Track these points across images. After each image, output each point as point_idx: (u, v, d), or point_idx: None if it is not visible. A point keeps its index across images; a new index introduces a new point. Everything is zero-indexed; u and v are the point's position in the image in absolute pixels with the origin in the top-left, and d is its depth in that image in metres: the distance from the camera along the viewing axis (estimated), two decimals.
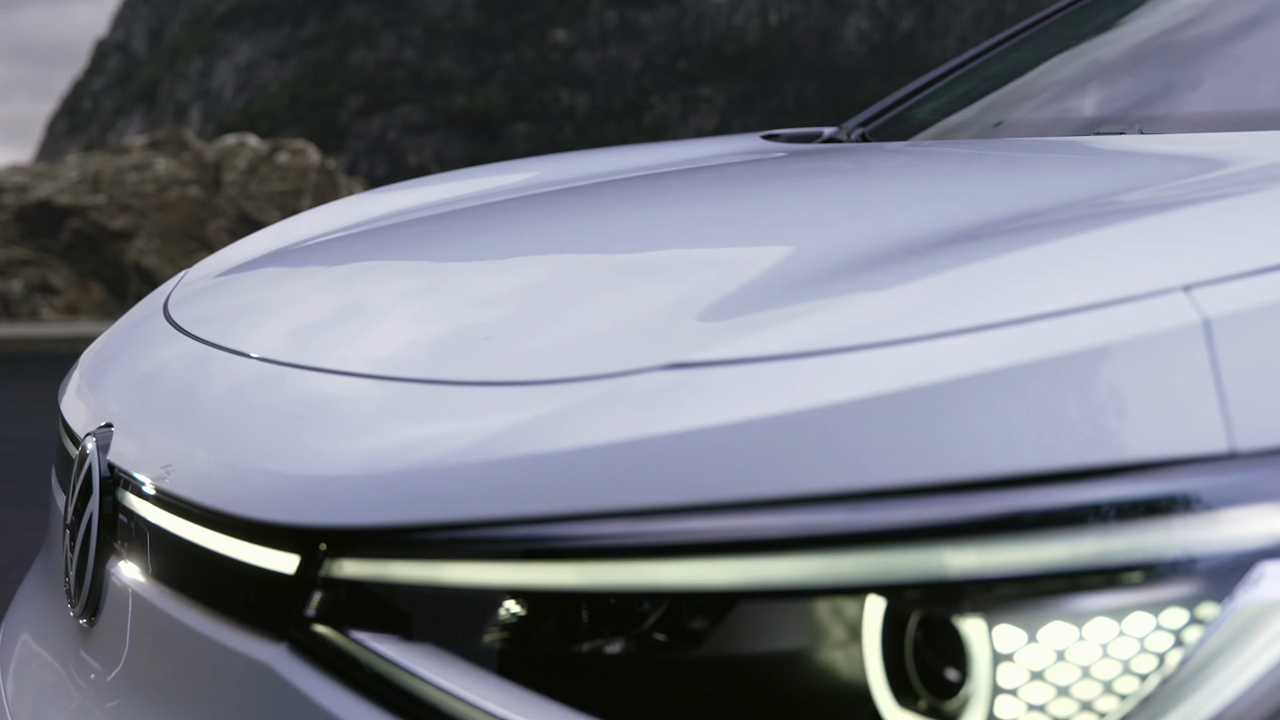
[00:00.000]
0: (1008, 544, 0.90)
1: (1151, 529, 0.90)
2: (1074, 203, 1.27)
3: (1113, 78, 2.24)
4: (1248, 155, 1.49)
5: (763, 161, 2.15)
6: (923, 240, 1.21)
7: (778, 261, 1.29)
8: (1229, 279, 0.97)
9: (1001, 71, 2.52)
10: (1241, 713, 0.89)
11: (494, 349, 1.22)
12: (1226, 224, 1.08)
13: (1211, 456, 0.91)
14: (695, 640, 0.99)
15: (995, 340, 0.96)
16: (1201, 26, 2.20)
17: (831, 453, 0.93)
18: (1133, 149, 1.73)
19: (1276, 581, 0.90)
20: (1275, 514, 0.90)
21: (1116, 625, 0.90)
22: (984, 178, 1.70)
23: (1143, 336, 0.94)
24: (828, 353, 0.99)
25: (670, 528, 0.95)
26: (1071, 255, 1.06)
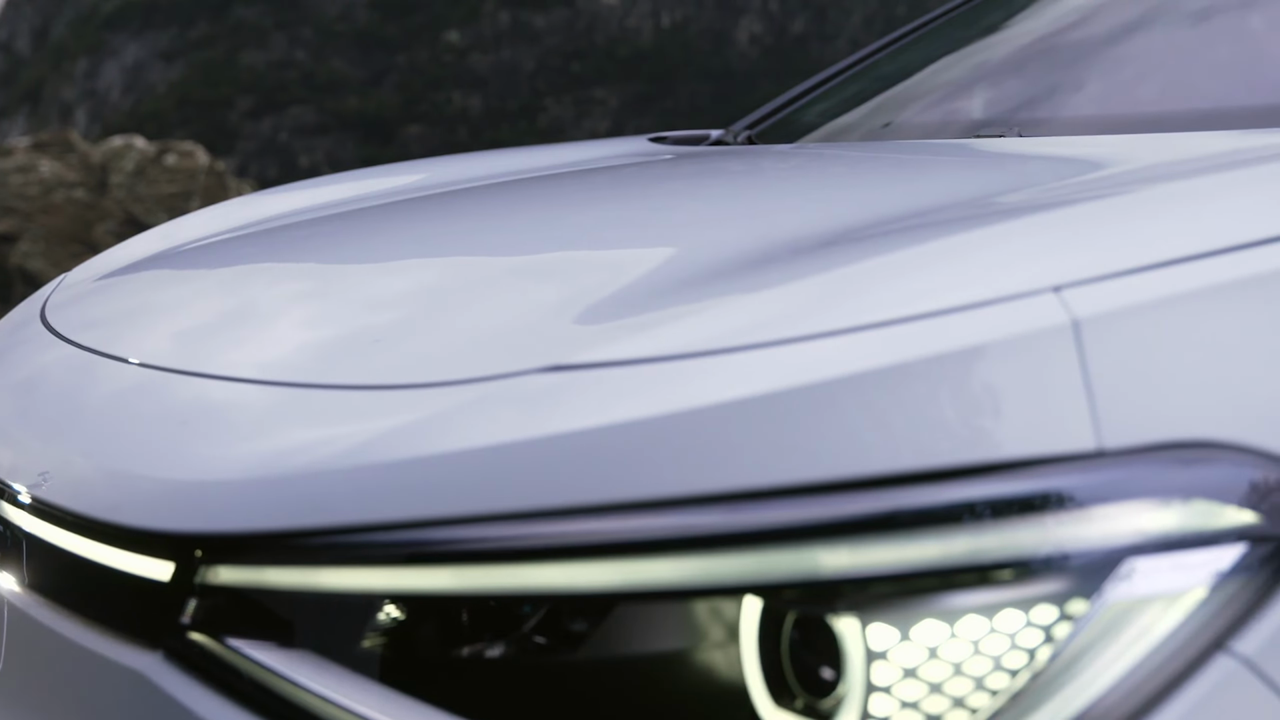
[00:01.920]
0: (882, 543, 0.91)
1: (1022, 527, 0.91)
2: (951, 204, 1.29)
3: (996, 80, 2.27)
4: (1122, 158, 1.51)
5: (650, 164, 2.16)
6: (802, 242, 1.22)
7: (660, 263, 1.30)
8: (1098, 280, 0.99)
9: (887, 74, 2.55)
10: (1110, 706, 0.91)
11: (382, 352, 1.21)
12: (1097, 225, 1.10)
13: (1080, 455, 0.92)
14: (575, 643, 0.99)
15: (872, 341, 0.97)
16: (1084, 30, 2.23)
17: (709, 454, 0.94)
18: (1011, 151, 1.75)
19: (1144, 577, 0.92)
20: (1142, 511, 0.92)
21: (988, 622, 0.91)
22: (865, 180, 1.71)
23: (1014, 337, 0.95)
24: (706, 354, 1.00)
25: (548, 530, 0.95)
26: (947, 256, 1.07)
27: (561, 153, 2.41)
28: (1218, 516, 0.93)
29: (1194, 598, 0.92)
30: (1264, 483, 0.93)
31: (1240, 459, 0.94)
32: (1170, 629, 0.92)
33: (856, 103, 2.46)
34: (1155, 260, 1.01)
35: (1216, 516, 0.93)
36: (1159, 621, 0.92)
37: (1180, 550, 0.92)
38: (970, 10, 2.66)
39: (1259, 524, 0.93)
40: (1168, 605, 0.92)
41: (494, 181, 2.14)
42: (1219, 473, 0.93)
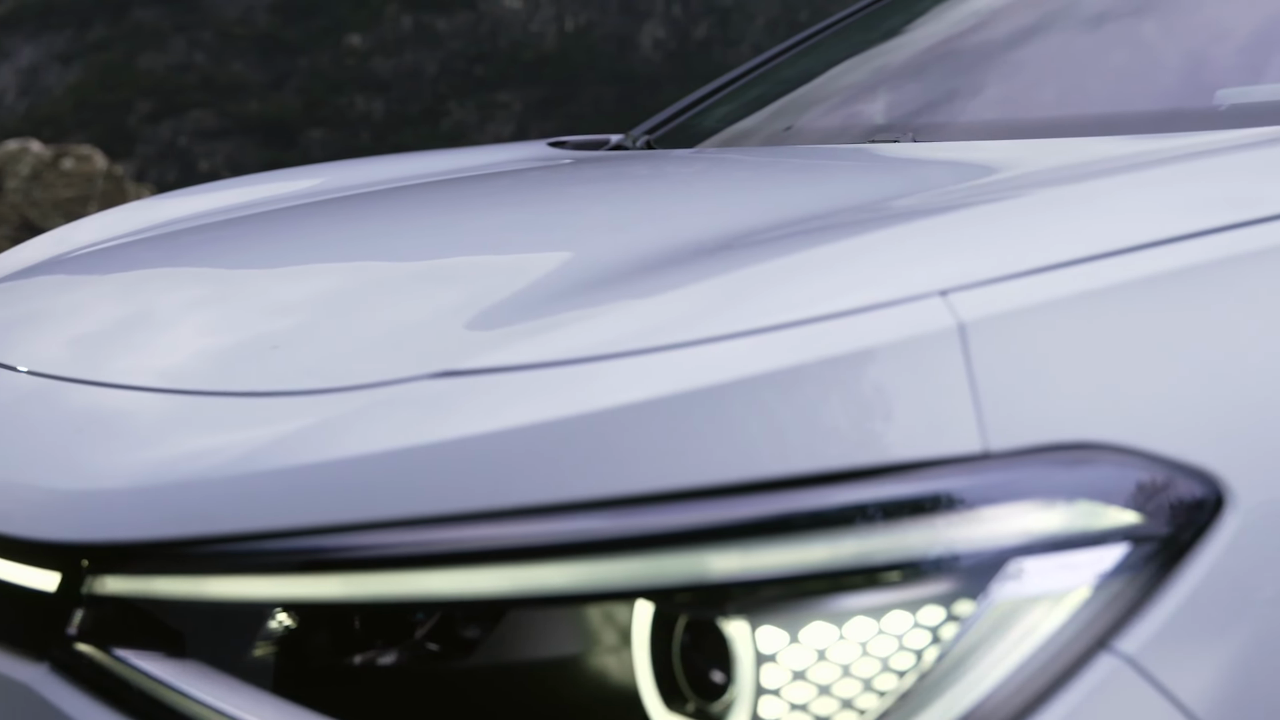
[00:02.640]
0: (772, 546, 0.92)
1: (910, 529, 0.92)
2: (843, 209, 1.30)
3: (893, 86, 2.29)
4: (1014, 162, 1.53)
5: (549, 169, 2.16)
6: (695, 247, 1.22)
7: (554, 268, 1.30)
8: (984, 283, 1.00)
9: (786, 79, 2.56)
10: (996, 705, 0.92)
11: (280, 358, 1.21)
12: (985, 230, 1.11)
13: (966, 457, 0.94)
14: (467, 649, 0.99)
15: (763, 345, 0.98)
16: (981, 36, 2.26)
17: (601, 459, 0.94)
18: (905, 156, 1.77)
19: (1029, 577, 0.93)
20: (1027, 512, 0.93)
21: (876, 623, 0.92)
22: (759, 185, 1.72)
23: (901, 341, 0.96)
24: (598, 359, 1.00)
25: (439, 537, 0.95)
26: (837, 261, 1.08)
27: (461, 157, 2.41)
28: (1101, 517, 0.94)
29: (1078, 597, 0.93)
30: (1146, 483, 0.95)
31: (1123, 460, 0.95)
32: (1055, 628, 0.93)
33: (755, 108, 2.47)
34: (1041, 264, 1.02)
35: (1100, 517, 0.94)
36: (1044, 621, 0.93)
37: (1065, 550, 0.94)
38: (870, 15, 2.68)
39: (1141, 524, 0.94)
40: (1053, 605, 0.93)
41: (393, 186, 2.13)
42: (1102, 474, 0.95)
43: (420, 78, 10.63)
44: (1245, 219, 1.10)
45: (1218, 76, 1.86)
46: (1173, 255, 1.05)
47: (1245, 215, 1.10)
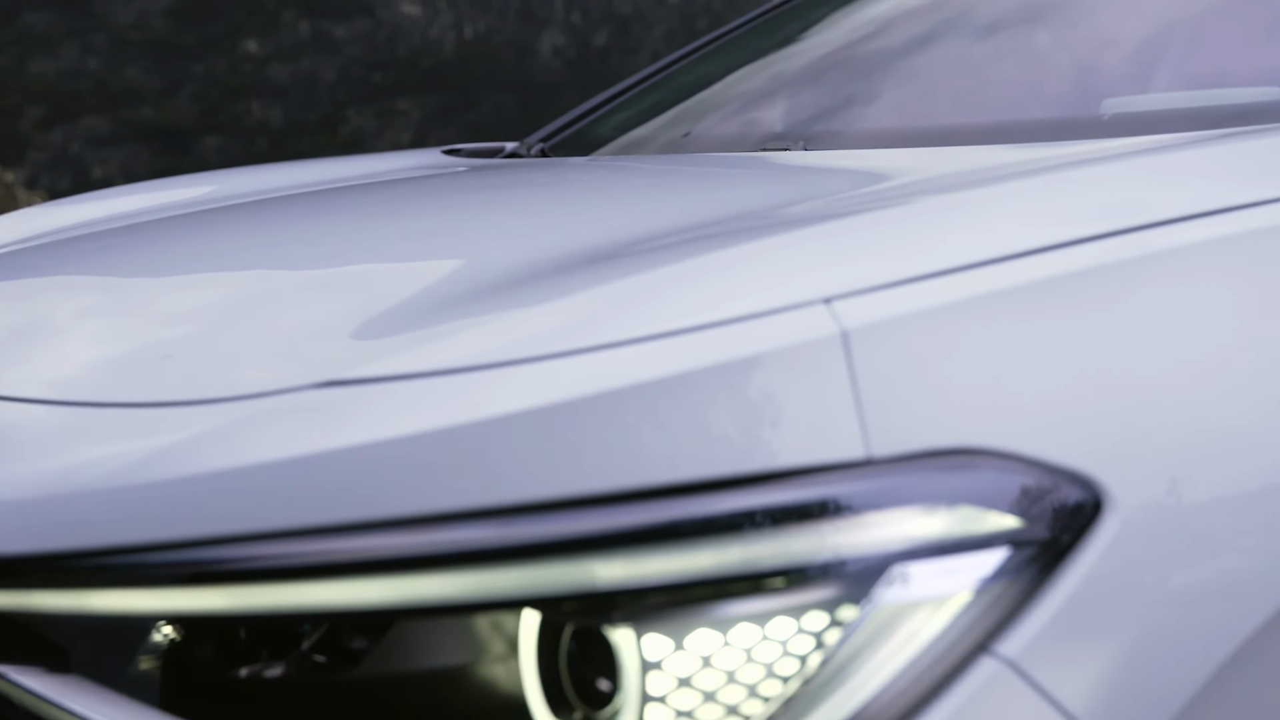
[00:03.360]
0: (657, 553, 0.92)
1: (794, 535, 0.93)
2: (733, 217, 1.31)
3: (786, 94, 2.31)
4: (902, 170, 1.55)
5: (442, 177, 2.15)
6: (583, 255, 1.23)
7: (444, 277, 1.29)
8: (867, 291, 1.01)
9: (681, 87, 2.57)
10: (879, 710, 0.93)
11: (171, 368, 1.19)
12: (871, 237, 1.12)
13: (850, 463, 0.94)
14: (354, 660, 0.98)
15: (650, 353, 0.98)
16: (874, 45, 2.28)
17: (487, 468, 0.94)
18: (796, 164, 1.78)
19: (911, 582, 0.94)
20: (909, 517, 0.94)
21: (760, 629, 0.93)
22: (651, 193, 1.73)
23: (786, 348, 0.97)
24: (484, 368, 1.00)
25: (324, 547, 0.94)
26: (725, 268, 1.09)
27: (354, 165, 2.40)
28: (982, 521, 0.95)
29: (959, 601, 0.94)
30: (1027, 488, 0.96)
31: (1005, 465, 0.96)
32: (936, 632, 0.94)
33: (650, 115, 2.48)
34: (926, 271, 1.04)
35: (981, 522, 0.95)
36: (926, 625, 0.94)
37: (947, 555, 0.95)
38: (766, 22, 2.69)
39: (1021, 528, 0.96)
40: (934, 609, 0.94)
41: (285, 194, 2.12)
42: (984, 479, 0.96)
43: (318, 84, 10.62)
44: (1126, 226, 1.12)
45: (1104, 86, 1.89)
46: (1055, 262, 1.07)
47: (1127, 222, 1.12)
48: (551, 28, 5.89)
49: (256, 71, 6.47)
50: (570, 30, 5.86)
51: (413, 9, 5.85)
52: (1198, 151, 1.32)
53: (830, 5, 2.59)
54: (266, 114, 6.23)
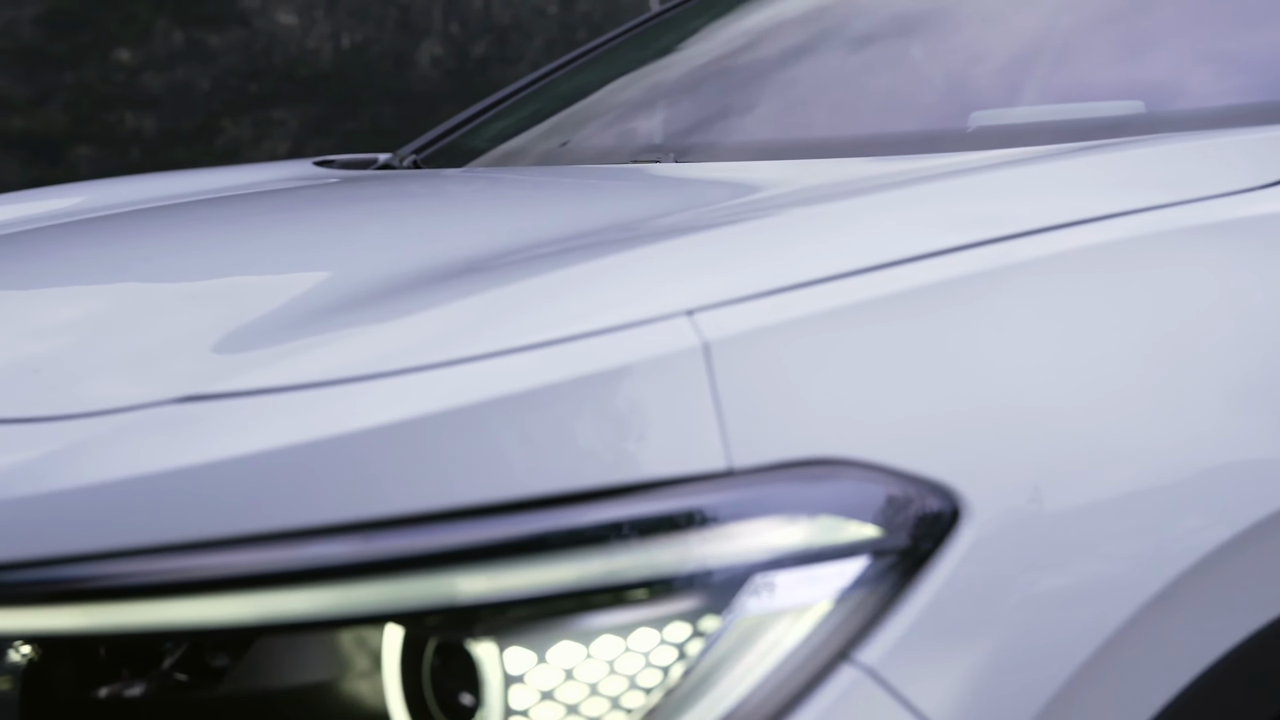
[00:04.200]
0: (519, 566, 0.92)
1: (656, 546, 0.93)
2: (600, 229, 1.31)
3: (659, 105, 2.31)
4: (770, 183, 1.56)
5: (312, 189, 2.14)
6: (449, 268, 1.22)
7: (309, 290, 1.28)
8: (730, 303, 1.01)
9: (556, 99, 2.57)
10: (742, 719, 0.93)
11: (35, 384, 1.17)
12: (736, 249, 1.13)
13: (711, 475, 0.95)
14: (216, 678, 0.97)
15: (515, 365, 0.98)
16: (748, 57, 2.29)
17: (350, 482, 0.93)
18: (666, 176, 1.79)
19: (772, 592, 0.95)
20: (770, 528, 0.95)
21: (623, 641, 0.93)
22: (520, 205, 1.73)
23: (649, 360, 0.97)
24: (347, 381, 0.99)
25: (183, 564, 0.93)
26: (590, 281, 1.09)
27: (224, 176, 2.37)
28: (843, 531, 0.96)
29: (820, 610, 0.95)
30: (886, 497, 0.97)
31: (865, 475, 0.97)
32: (798, 641, 0.95)
33: (525, 126, 2.48)
34: (790, 282, 1.04)
35: (841, 531, 0.96)
36: (787, 634, 0.95)
37: (808, 565, 0.95)
38: (644, 33, 2.70)
39: (881, 538, 0.97)
40: (796, 618, 0.95)
41: (154, 206, 2.09)
42: (845, 489, 0.97)
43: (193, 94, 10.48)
44: (988, 237, 1.13)
45: (972, 100, 1.92)
46: (919, 273, 1.08)
47: (989, 234, 1.13)
48: (430, 38, 5.88)
49: (129, 81, 6.40)
50: (449, 40, 5.85)
51: (289, 19, 5.81)
52: (1060, 164, 1.34)
53: (707, 16, 2.60)
54: (140, 124, 6.16)
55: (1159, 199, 1.22)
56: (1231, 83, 1.77)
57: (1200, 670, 1.04)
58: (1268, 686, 1.07)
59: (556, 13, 5.84)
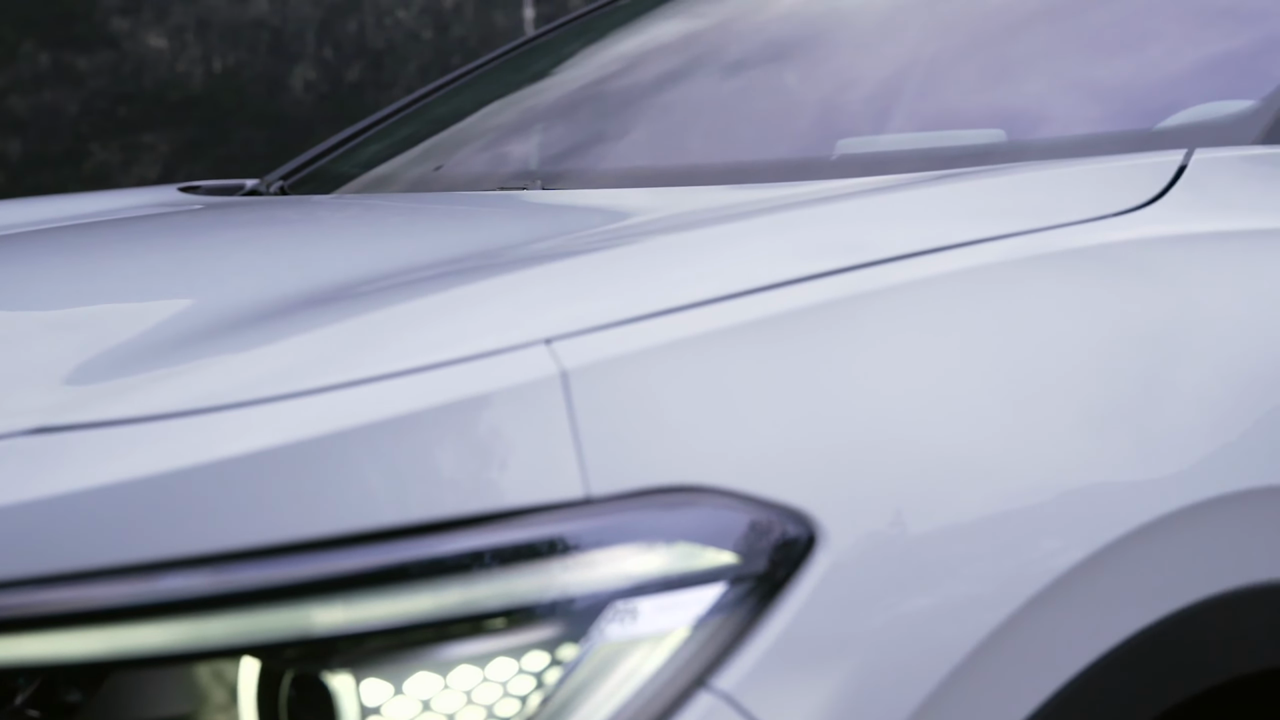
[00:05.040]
0: (376, 597, 0.92)
1: (514, 575, 0.93)
2: (464, 257, 1.30)
3: (532, 131, 2.31)
4: (635, 210, 1.56)
5: (175, 215, 2.11)
6: (308, 296, 1.21)
7: (167, 319, 1.26)
8: (588, 331, 1.01)
9: (426, 125, 2.55)
10: None
11: None
12: (598, 276, 1.13)
13: (569, 503, 0.95)
14: (70, 714, 0.95)
15: (375, 395, 0.97)
16: (622, 83, 2.30)
17: (204, 514, 0.92)
18: (535, 203, 1.78)
19: (630, 619, 0.95)
20: (628, 555, 0.95)
21: (480, 671, 0.93)
22: (385, 232, 1.72)
23: (509, 389, 0.97)
24: (203, 411, 0.98)
25: (34, 599, 0.91)
26: (450, 309, 1.09)
27: (87, 202, 2.33)
28: (700, 558, 0.96)
29: (677, 637, 0.95)
30: (743, 524, 0.98)
31: (723, 502, 0.98)
32: (655, 669, 0.95)
33: (394, 153, 2.47)
34: (650, 310, 1.05)
35: (699, 558, 0.96)
36: (645, 662, 0.95)
37: (665, 592, 0.96)
38: (518, 58, 2.69)
39: (738, 564, 0.97)
40: (653, 646, 0.95)
41: (15, 231, 2.05)
42: (702, 516, 0.97)
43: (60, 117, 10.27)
44: (850, 264, 1.14)
45: (839, 128, 1.93)
46: (780, 300, 1.09)
47: (850, 261, 1.14)
48: (304, 62, 5.83)
49: None
50: (323, 65, 5.81)
51: (159, 41, 5.73)
52: (922, 192, 1.35)
53: (581, 42, 2.61)
54: (5, 147, 6.03)
55: (1017, 226, 1.24)
56: (1089, 112, 1.81)
57: (1058, 687, 1.05)
58: (1123, 703, 1.09)
59: (431, 37, 5.83)
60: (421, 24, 5.83)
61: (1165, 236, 1.28)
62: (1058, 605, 1.06)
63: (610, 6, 2.78)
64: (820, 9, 2.25)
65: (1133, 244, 1.26)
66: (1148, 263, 1.26)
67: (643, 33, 2.53)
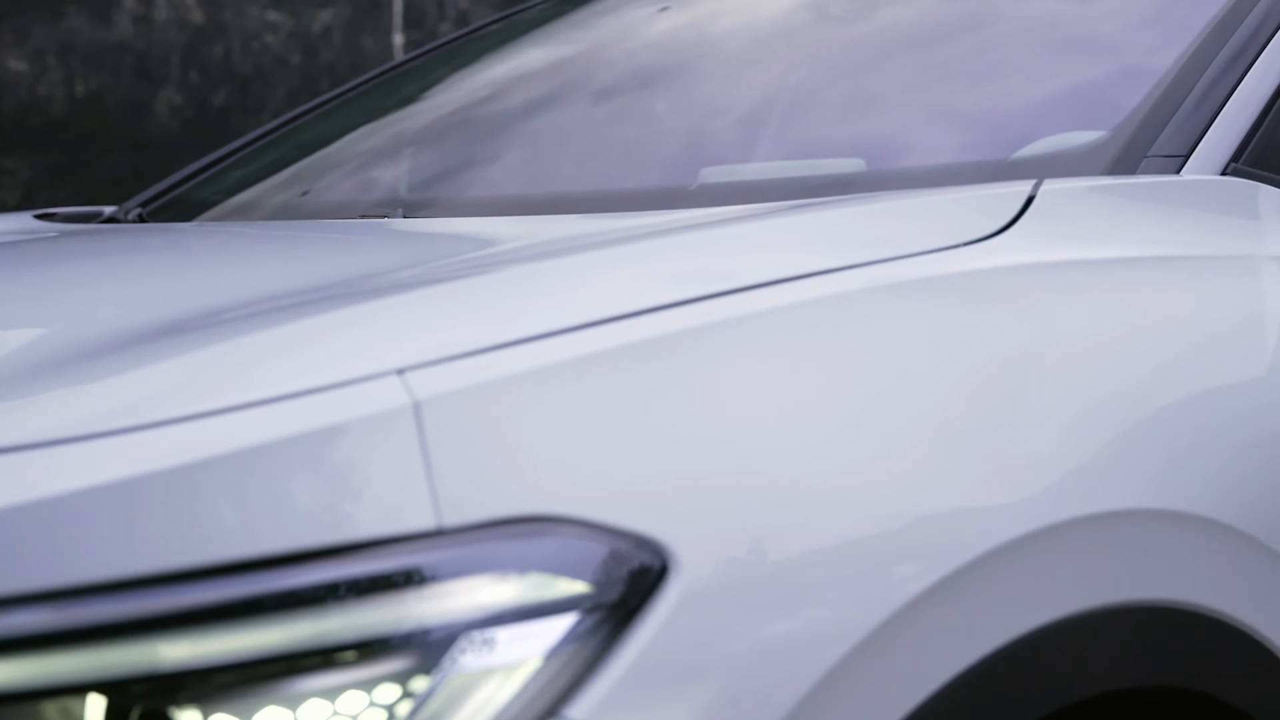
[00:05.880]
0: (226, 631, 0.91)
1: (365, 608, 0.92)
2: (319, 286, 1.29)
3: (397, 158, 2.30)
4: (497, 239, 1.56)
5: (27, 243, 2.07)
6: (160, 327, 1.19)
7: (13, 350, 1.24)
8: (442, 361, 1.01)
9: (293, 149, 2.52)
10: None
11: None
12: (452, 306, 1.13)
13: (422, 534, 0.94)
14: None
15: (226, 426, 0.96)
16: (488, 110, 2.29)
17: (48, 549, 0.91)
18: (395, 232, 1.77)
19: (482, 650, 0.95)
20: (480, 586, 0.95)
21: (331, 705, 0.92)
22: (244, 261, 1.70)
23: (361, 419, 0.97)
24: (50, 444, 0.96)
25: None
26: (303, 339, 1.08)
27: None
28: (552, 588, 0.96)
29: (530, 668, 0.95)
30: (596, 554, 0.98)
31: (575, 532, 0.98)
32: (508, 699, 0.95)
33: (257, 179, 2.44)
34: (506, 339, 1.05)
35: (551, 588, 0.96)
36: (498, 693, 0.95)
37: (518, 622, 0.95)
38: (383, 84, 2.68)
39: (590, 593, 0.97)
40: (506, 676, 0.95)
41: None
42: (555, 545, 0.97)
43: None
44: (708, 292, 1.15)
45: (703, 157, 1.95)
46: (637, 328, 1.09)
47: (708, 289, 1.15)
48: (169, 86, 5.75)
49: None
50: (188, 89, 5.74)
51: (19, 64, 5.62)
52: (782, 220, 1.37)
53: (449, 68, 2.60)
54: None
55: (872, 255, 1.26)
56: (947, 142, 1.84)
57: (910, 709, 1.06)
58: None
59: (299, 62, 5.78)
60: (289, 49, 5.77)
61: (1014, 265, 1.31)
62: (912, 628, 1.07)
63: (479, 32, 2.78)
64: (686, 38, 2.27)
65: (983, 273, 1.28)
66: (998, 291, 1.28)
67: (511, 59, 2.52)
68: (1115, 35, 1.91)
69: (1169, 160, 1.54)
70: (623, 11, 2.53)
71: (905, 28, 2.08)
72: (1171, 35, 1.77)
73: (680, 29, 2.32)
